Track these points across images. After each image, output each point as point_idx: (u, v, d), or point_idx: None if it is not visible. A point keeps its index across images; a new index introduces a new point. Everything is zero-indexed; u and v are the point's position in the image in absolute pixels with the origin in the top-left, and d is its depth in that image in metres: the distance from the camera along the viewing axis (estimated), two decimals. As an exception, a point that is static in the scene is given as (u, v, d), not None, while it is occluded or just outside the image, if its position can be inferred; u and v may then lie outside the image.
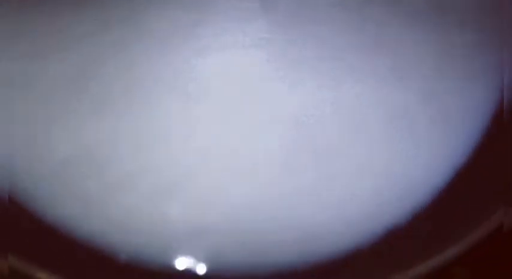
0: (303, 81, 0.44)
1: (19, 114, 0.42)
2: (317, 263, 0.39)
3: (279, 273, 0.39)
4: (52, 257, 0.37)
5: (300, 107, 0.43)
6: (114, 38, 0.45)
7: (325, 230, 0.40)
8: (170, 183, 0.41)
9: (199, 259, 0.40)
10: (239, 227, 0.40)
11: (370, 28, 0.45)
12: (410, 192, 0.41)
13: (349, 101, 0.43)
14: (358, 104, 0.43)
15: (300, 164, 0.41)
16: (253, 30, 0.45)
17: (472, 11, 0.46)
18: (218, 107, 0.43)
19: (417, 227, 0.39)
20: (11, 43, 0.43)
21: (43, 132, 0.42)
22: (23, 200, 0.40)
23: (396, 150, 0.42)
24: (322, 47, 0.45)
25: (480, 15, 0.46)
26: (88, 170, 0.41)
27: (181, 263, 0.39)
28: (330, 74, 0.44)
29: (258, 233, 0.40)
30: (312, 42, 0.45)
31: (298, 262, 0.39)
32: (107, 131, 0.42)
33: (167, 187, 0.41)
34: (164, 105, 0.43)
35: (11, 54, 0.43)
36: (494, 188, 0.37)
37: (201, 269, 0.39)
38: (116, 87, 0.43)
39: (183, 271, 0.39)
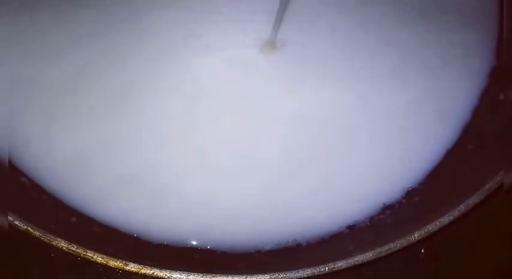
0: (303, 81, 0.44)
1: (19, 114, 0.42)
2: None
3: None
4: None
5: (300, 107, 0.43)
6: (114, 38, 0.45)
7: (324, 230, 0.40)
8: (170, 183, 0.41)
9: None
10: (239, 226, 0.40)
11: (371, 28, 0.45)
12: (408, 185, 0.42)
13: (349, 101, 0.43)
14: (358, 104, 0.43)
15: (300, 164, 0.42)
16: (253, 30, 0.45)
17: (472, 11, 0.46)
18: (218, 107, 0.43)
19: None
20: (12, 43, 0.44)
21: (43, 131, 0.42)
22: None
23: (397, 149, 0.42)
24: (322, 47, 0.45)
25: (480, 15, 0.46)
26: (88, 170, 0.41)
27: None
28: (330, 74, 0.44)
29: (257, 231, 0.40)
30: (312, 42, 0.45)
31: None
32: (106, 131, 0.42)
33: (167, 187, 0.41)
34: (164, 105, 0.43)
35: (12, 54, 0.43)
36: (496, 153, 0.39)
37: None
38: (116, 87, 0.43)
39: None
